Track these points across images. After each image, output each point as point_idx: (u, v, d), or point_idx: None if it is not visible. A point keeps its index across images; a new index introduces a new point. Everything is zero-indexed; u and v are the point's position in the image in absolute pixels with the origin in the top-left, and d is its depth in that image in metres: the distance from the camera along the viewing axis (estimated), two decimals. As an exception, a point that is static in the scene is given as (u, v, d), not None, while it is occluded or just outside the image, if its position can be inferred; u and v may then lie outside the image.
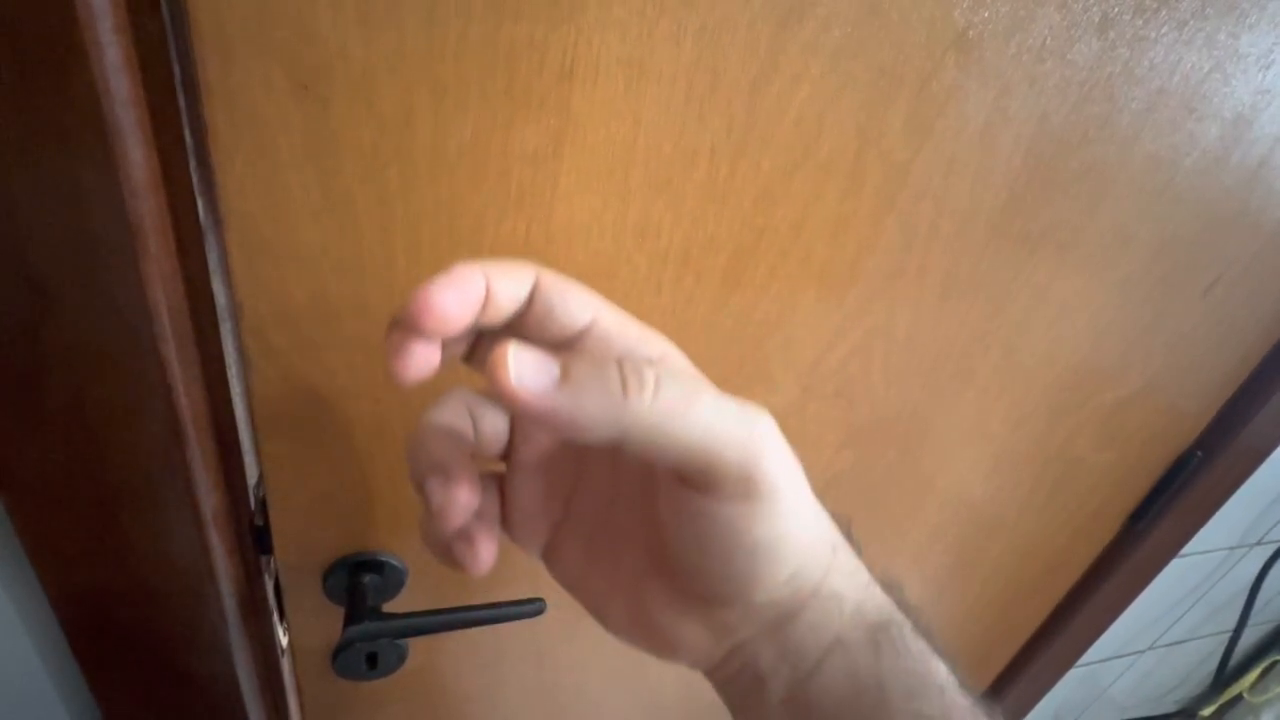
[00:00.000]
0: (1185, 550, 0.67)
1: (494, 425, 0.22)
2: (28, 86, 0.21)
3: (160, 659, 0.37)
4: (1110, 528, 0.63)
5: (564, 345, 0.21)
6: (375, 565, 0.39)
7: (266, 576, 0.39)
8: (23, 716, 0.38)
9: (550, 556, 0.25)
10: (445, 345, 0.20)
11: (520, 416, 0.19)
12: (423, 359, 0.19)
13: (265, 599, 0.40)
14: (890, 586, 0.23)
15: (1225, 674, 0.98)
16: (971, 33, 0.31)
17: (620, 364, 0.18)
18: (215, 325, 0.29)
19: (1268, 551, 0.83)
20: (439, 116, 0.26)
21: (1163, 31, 0.33)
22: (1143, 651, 0.91)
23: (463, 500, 0.20)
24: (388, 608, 0.39)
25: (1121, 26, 0.33)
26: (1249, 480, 0.62)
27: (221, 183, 0.26)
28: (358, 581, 0.39)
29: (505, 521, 0.24)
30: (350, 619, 0.38)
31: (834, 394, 0.42)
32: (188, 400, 0.29)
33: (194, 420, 0.30)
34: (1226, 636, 0.93)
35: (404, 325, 0.19)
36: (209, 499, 0.32)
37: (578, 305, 0.21)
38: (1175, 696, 1.07)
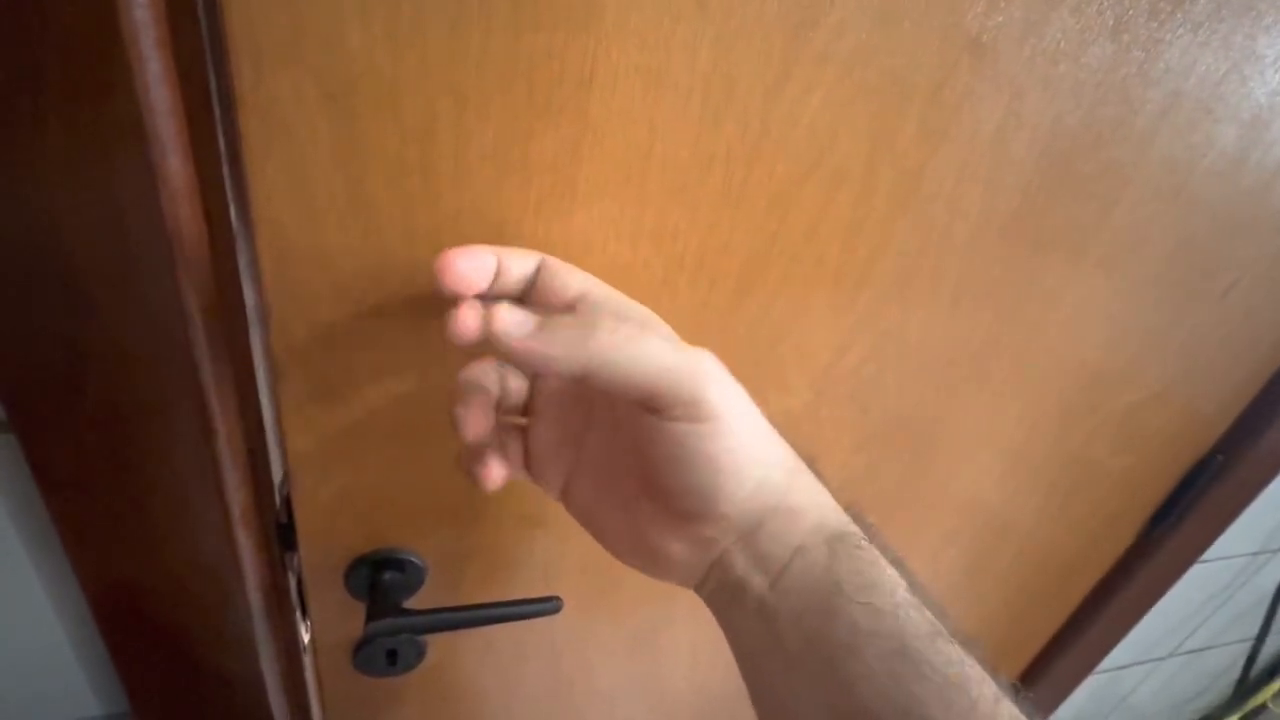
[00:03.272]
0: (1206, 556, 0.66)
1: (515, 384, 0.28)
2: (74, 100, 0.22)
3: (187, 652, 0.38)
4: (1128, 532, 0.62)
5: (564, 308, 0.26)
6: (396, 563, 0.40)
7: (290, 573, 0.40)
8: (55, 704, 0.40)
9: (566, 495, 0.29)
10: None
11: (508, 356, 0.23)
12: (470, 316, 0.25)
13: (289, 595, 0.41)
14: (850, 509, 0.27)
15: (1248, 683, 0.96)
16: (984, 38, 0.31)
17: (586, 314, 0.23)
18: (245, 327, 0.30)
19: (1291, 558, 0.82)
20: (461, 125, 0.27)
21: (1178, 34, 0.33)
22: (1163, 659, 0.90)
23: (475, 421, 0.26)
24: (408, 605, 0.40)
25: (1135, 29, 0.33)
26: (1271, 485, 0.61)
27: (253, 189, 0.27)
28: (379, 578, 0.40)
29: (528, 466, 0.29)
30: (371, 615, 0.39)
31: (847, 398, 0.43)
32: (218, 400, 0.30)
33: (223, 420, 0.31)
34: (1249, 645, 0.92)
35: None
36: (236, 496, 0.33)
37: (572, 279, 0.26)
38: (1196, 705, 1.05)
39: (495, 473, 0.27)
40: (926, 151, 0.34)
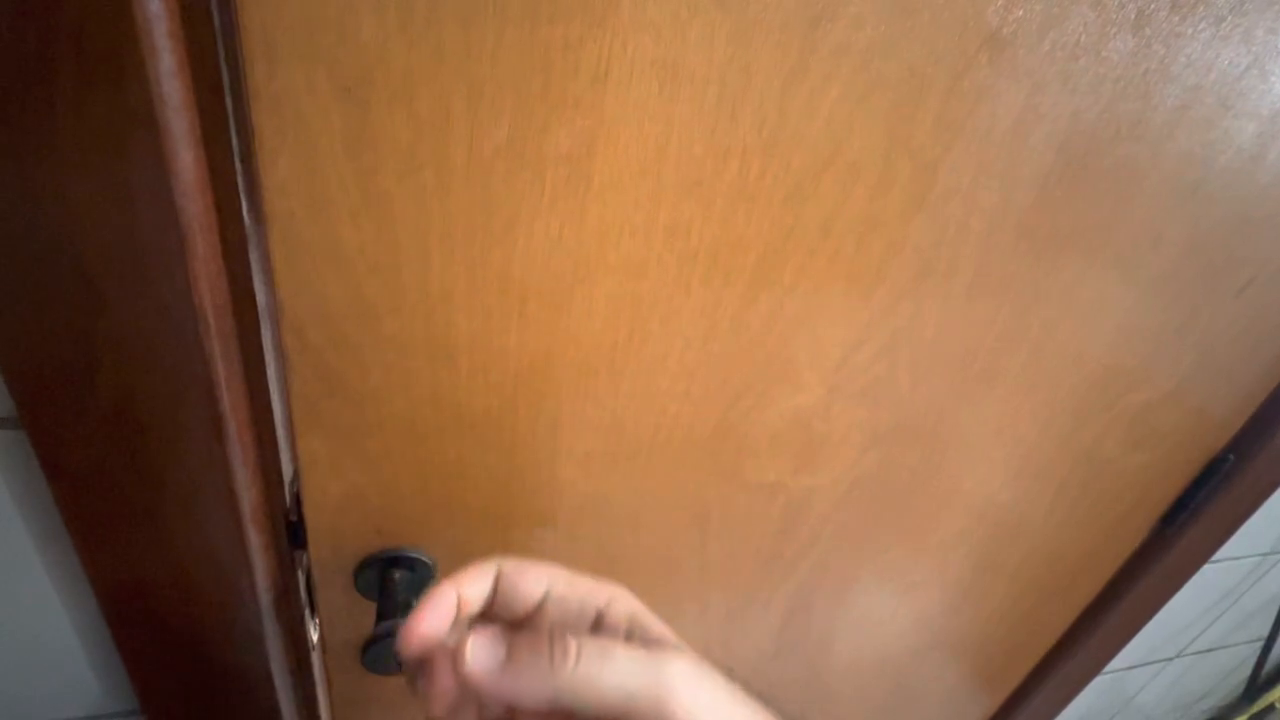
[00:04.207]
0: (1216, 556, 0.66)
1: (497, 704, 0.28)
2: (86, 93, 0.21)
3: (196, 649, 0.38)
4: (1139, 532, 0.62)
5: (531, 611, 0.27)
6: (405, 561, 0.40)
7: (299, 571, 0.40)
8: (64, 701, 0.40)
9: None
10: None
11: (480, 693, 0.23)
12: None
13: (298, 593, 0.40)
14: None
15: (1257, 684, 0.96)
16: (1005, 31, 0.31)
17: (551, 640, 0.23)
18: (256, 323, 0.30)
19: (1302, 558, 0.81)
20: (475, 118, 0.27)
21: (1199, 28, 0.33)
22: (1171, 659, 0.89)
23: None
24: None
25: (1157, 23, 0.32)
26: (1283, 485, 0.60)
27: (265, 183, 0.26)
28: (388, 577, 0.40)
29: None
30: (380, 614, 0.38)
31: (860, 394, 0.42)
32: (229, 397, 0.30)
33: (234, 416, 0.31)
34: (1258, 646, 0.91)
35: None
36: (247, 494, 0.33)
37: (534, 581, 0.27)
38: (1204, 705, 1.05)
39: None
40: (943, 146, 0.33)
